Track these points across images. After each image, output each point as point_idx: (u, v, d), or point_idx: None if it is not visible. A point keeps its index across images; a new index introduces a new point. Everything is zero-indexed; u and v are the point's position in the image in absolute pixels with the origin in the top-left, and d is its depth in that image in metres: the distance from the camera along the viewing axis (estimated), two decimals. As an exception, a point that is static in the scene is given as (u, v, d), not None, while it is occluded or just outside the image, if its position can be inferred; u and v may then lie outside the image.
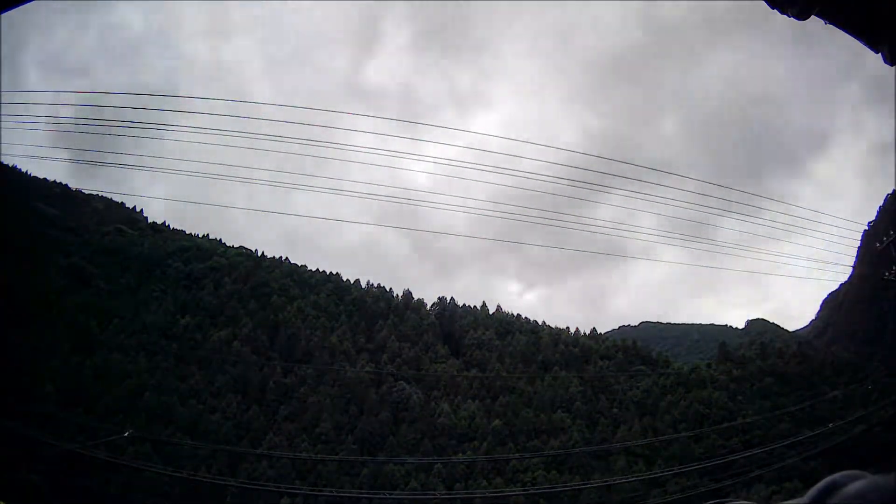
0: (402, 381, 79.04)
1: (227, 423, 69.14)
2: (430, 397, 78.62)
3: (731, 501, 2.44)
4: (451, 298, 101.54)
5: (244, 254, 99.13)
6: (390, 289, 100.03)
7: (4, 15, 2.20)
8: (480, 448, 71.43)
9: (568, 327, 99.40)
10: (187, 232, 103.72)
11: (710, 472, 50.41)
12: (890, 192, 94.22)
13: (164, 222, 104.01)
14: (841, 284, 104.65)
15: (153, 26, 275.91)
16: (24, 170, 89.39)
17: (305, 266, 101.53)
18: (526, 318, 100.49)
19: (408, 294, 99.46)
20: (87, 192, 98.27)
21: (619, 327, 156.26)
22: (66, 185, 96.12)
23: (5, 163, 79.27)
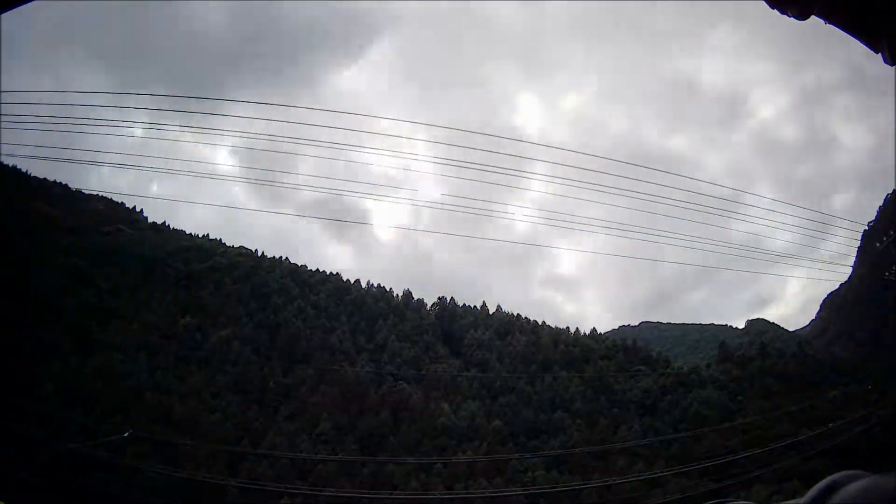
0: (402, 381, 79.05)
1: (227, 423, 69.13)
2: (430, 397, 78.63)
3: (731, 501, 2.44)
4: (451, 298, 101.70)
5: (244, 254, 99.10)
6: (390, 289, 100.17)
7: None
8: (480, 448, 71.44)
9: (568, 327, 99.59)
10: (187, 232, 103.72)
11: (710, 472, 50.39)
12: (890, 192, 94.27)
13: (164, 222, 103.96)
14: (841, 284, 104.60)
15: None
16: (24, 170, 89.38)
17: (305, 266, 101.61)
18: (526, 318, 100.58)
19: (408, 294, 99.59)
20: (87, 192, 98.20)
21: (619, 327, 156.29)
22: (66, 185, 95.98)
23: (5, 163, 79.30)
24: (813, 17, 2.05)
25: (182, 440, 53.96)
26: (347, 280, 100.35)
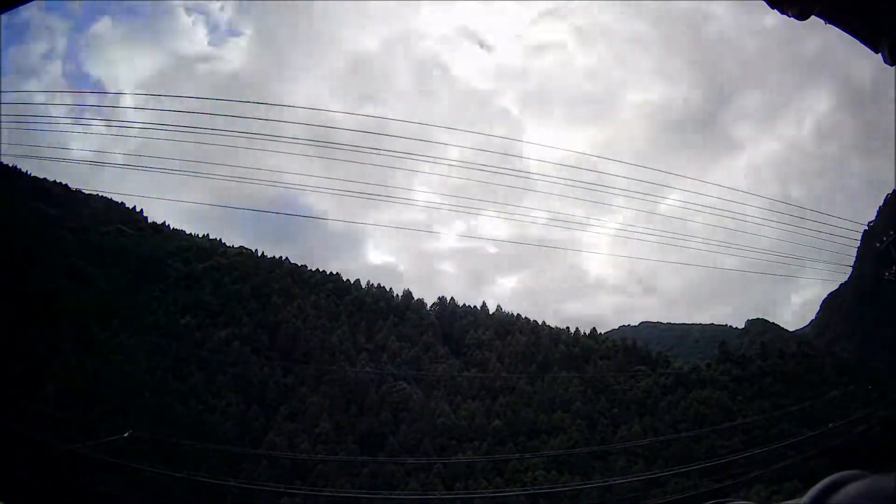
0: (402, 381, 79.08)
1: (227, 423, 69.17)
2: (430, 397, 78.67)
3: (731, 501, 2.43)
4: (451, 298, 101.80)
5: (244, 254, 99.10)
6: (390, 289, 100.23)
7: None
8: (480, 448, 71.47)
9: (568, 327, 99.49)
10: (187, 232, 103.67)
11: (710, 472, 50.38)
12: (890, 192, 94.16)
13: (164, 222, 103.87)
14: (841, 284, 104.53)
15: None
16: (24, 170, 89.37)
17: (305, 266, 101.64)
18: (526, 318, 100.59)
19: (408, 294, 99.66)
20: (87, 192, 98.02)
21: (619, 327, 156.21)
22: (66, 185, 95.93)
23: (5, 163, 79.32)
24: (813, 17, 2.05)
25: (182, 440, 53.94)
26: (347, 280, 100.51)
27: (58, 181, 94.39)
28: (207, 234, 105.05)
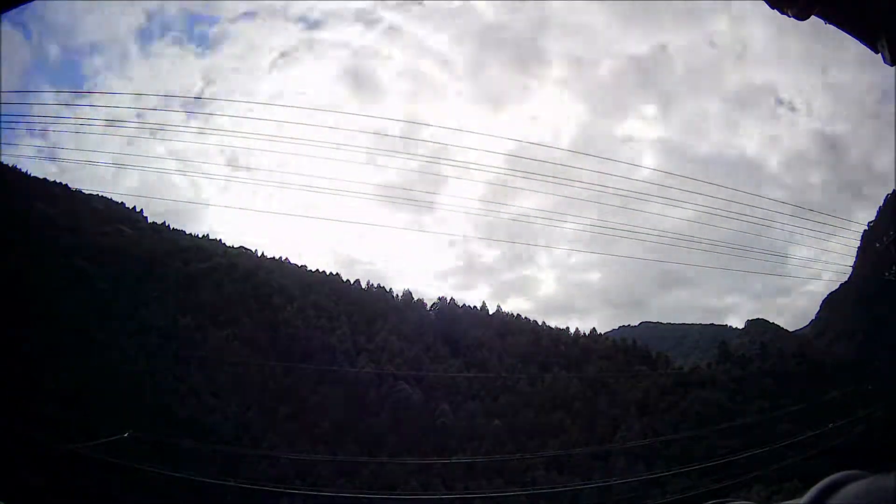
0: (402, 381, 79.07)
1: (227, 423, 69.14)
2: (430, 397, 78.67)
3: (731, 501, 2.44)
4: (451, 298, 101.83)
5: (244, 254, 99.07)
6: (390, 289, 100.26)
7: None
8: (480, 448, 71.47)
9: (568, 327, 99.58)
10: (187, 232, 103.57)
11: (710, 472, 50.41)
12: (890, 192, 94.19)
13: (164, 222, 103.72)
14: (841, 284, 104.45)
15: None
16: (24, 170, 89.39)
17: (305, 266, 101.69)
18: (526, 318, 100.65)
19: (408, 294, 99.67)
20: (87, 192, 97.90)
21: (619, 327, 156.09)
22: (66, 185, 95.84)
23: (5, 163, 79.36)
24: (813, 17, 2.05)
25: (182, 440, 53.95)
26: (347, 280, 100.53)
27: (58, 181, 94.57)
28: (207, 235, 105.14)
